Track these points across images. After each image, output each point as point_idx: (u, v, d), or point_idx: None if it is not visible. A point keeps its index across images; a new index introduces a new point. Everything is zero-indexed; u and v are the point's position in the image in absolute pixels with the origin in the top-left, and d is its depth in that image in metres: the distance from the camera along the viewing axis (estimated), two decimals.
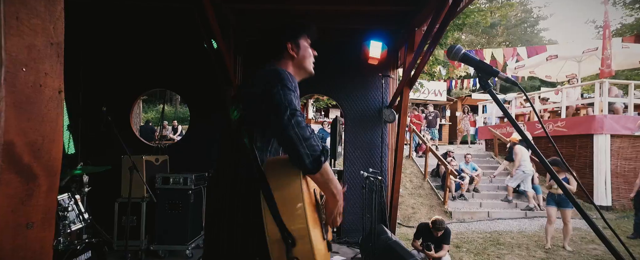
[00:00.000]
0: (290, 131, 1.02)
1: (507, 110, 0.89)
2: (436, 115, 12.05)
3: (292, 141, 1.02)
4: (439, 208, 7.06)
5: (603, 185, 7.68)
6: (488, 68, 0.89)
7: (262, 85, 1.12)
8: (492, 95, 0.89)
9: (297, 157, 1.02)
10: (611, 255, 3.13)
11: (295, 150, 1.02)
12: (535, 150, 0.85)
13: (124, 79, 4.47)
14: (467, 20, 10.27)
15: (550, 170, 0.84)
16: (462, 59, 0.92)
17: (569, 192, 0.84)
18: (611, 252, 0.83)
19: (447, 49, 0.94)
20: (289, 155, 1.06)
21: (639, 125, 8.08)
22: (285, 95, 1.08)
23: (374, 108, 4.79)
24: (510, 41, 27.60)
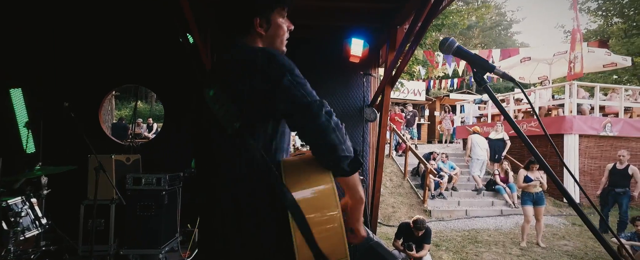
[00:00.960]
0: (331, 134, 0.86)
1: (502, 106, 0.83)
2: (415, 115, 12.22)
3: (333, 147, 0.86)
4: (418, 207, 7.12)
5: (572, 182, 8.00)
6: (484, 63, 0.83)
7: (264, 75, 0.93)
8: (488, 91, 0.83)
9: (337, 162, 0.88)
10: (580, 251, 3.20)
11: (336, 155, 0.87)
12: (529, 146, 0.80)
13: (93, 73, 4.20)
14: (445, 20, 10.43)
15: (547, 168, 0.78)
16: (456, 52, 0.85)
17: (571, 197, 0.79)
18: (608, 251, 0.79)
19: (440, 42, 0.87)
20: (322, 160, 0.90)
21: (603, 125, 8.48)
22: (306, 88, 0.92)
23: (355, 107, 4.74)
24: (486, 43, 28.45)
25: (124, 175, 3.59)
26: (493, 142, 8.42)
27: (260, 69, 0.93)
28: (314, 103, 0.88)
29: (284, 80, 0.90)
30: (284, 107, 0.90)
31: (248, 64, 0.96)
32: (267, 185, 0.92)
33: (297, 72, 0.94)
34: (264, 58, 0.95)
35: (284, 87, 0.90)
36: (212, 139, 1.03)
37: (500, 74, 0.83)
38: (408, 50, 3.71)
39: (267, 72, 0.92)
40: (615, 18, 18.54)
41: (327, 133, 0.86)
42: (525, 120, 9.51)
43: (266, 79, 0.92)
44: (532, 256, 4.80)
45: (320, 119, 0.86)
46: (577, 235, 5.98)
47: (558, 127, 8.30)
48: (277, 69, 0.92)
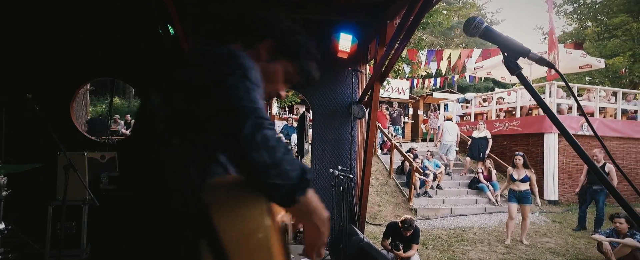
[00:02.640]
0: (253, 152, 0.67)
1: (539, 96, 0.73)
2: (400, 113, 12.26)
3: (253, 168, 0.68)
4: (404, 205, 7.11)
5: (551, 180, 8.20)
6: (516, 46, 0.72)
7: (209, 69, 0.76)
8: (522, 78, 0.72)
9: (261, 189, 0.70)
10: (562, 248, 3.17)
11: (256, 180, 0.69)
12: (572, 141, 0.69)
13: (63, 65, 3.90)
14: (430, 19, 10.49)
15: (592, 164, 0.68)
16: (483, 34, 0.74)
17: (612, 186, 0.69)
18: None
19: (465, 22, 0.75)
20: (249, 184, 0.72)
21: (580, 125, 8.73)
22: (247, 91, 0.72)
23: (343, 103, 4.63)
24: (467, 43, 28.97)
25: (99, 174, 3.35)
26: (476, 140, 8.53)
27: (213, 60, 0.77)
28: (242, 108, 0.70)
29: (230, 78, 0.73)
30: (209, 109, 0.72)
31: (207, 54, 0.78)
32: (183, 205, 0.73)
33: (253, 76, 0.76)
34: (226, 52, 0.78)
35: (224, 85, 0.72)
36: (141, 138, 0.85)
37: (536, 59, 0.72)
38: (399, 46, 3.62)
39: (219, 65, 0.76)
40: (589, 22, 19.25)
41: (248, 148, 0.67)
42: (507, 119, 9.69)
43: (214, 72, 0.75)
44: (517, 254, 4.84)
45: (243, 129, 0.68)
46: (558, 232, 6.10)
47: (539, 126, 8.48)
48: (231, 66, 0.75)
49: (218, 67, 0.76)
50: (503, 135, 9.39)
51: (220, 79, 0.73)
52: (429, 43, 25.43)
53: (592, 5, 18.61)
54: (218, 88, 0.72)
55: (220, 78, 0.73)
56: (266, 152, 0.68)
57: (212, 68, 0.76)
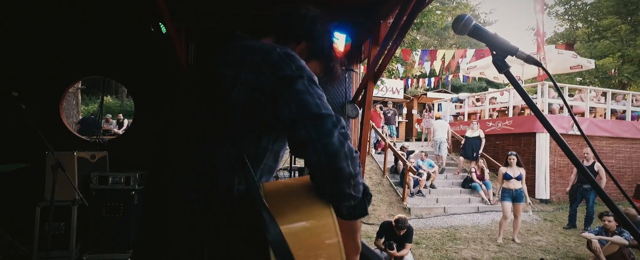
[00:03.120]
0: (342, 162, 0.67)
1: (527, 95, 0.73)
2: (395, 113, 12.31)
3: (340, 176, 0.68)
4: (398, 204, 7.13)
5: (543, 179, 8.30)
6: (504, 45, 0.72)
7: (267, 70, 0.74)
8: (510, 76, 0.72)
9: (338, 197, 0.70)
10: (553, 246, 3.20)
11: (339, 189, 0.69)
12: (559, 139, 0.69)
13: (53, 63, 3.84)
14: (424, 19, 10.54)
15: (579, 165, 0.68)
16: (472, 32, 0.74)
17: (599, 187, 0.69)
18: None
19: (454, 20, 0.75)
20: (324, 190, 0.71)
21: (571, 125, 8.84)
22: (321, 98, 0.73)
23: (336, 103, 4.62)
24: (461, 44, 29.19)
25: (89, 173, 3.31)
26: (470, 140, 8.59)
27: (272, 63, 0.74)
28: (328, 116, 0.70)
29: (298, 82, 0.73)
30: (289, 113, 0.71)
31: (260, 52, 0.77)
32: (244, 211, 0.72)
33: (316, 81, 0.76)
34: (282, 53, 0.76)
35: (296, 90, 0.72)
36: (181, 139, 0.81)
37: (524, 57, 0.72)
38: (392, 46, 3.63)
39: (281, 67, 0.74)
40: (580, 23, 19.51)
41: (337, 157, 0.67)
42: (500, 119, 9.77)
43: (277, 75, 0.73)
44: (509, 252, 4.89)
45: (332, 137, 0.68)
46: (549, 231, 6.17)
47: (531, 126, 8.57)
48: (295, 69, 0.74)
49: (282, 67, 0.74)
50: (496, 135, 9.48)
51: (288, 82, 0.72)
52: (423, 43, 25.56)
53: (583, 6, 18.88)
54: (289, 93, 0.71)
55: (288, 81, 0.72)
56: (351, 163, 0.69)
57: (275, 70, 0.74)
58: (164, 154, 0.85)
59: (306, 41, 0.93)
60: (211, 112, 0.76)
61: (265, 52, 0.77)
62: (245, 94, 0.74)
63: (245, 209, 0.72)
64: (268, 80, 0.73)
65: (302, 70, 0.75)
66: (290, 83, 0.73)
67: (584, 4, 18.86)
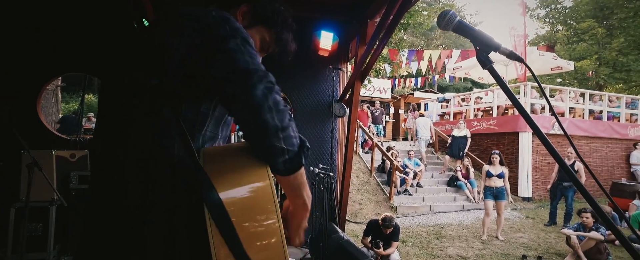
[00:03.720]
0: (265, 114, 0.68)
1: (511, 92, 0.73)
2: (382, 113, 12.40)
3: (265, 130, 0.68)
4: (385, 203, 7.19)
5: (525, 178, 8.50)
6: (488, 41, 0.72)
7: (206, 32, 0.73)
8: (493, 72, 0.73)
9: (269, 153, 0.70)
10: (534, 242, 3.28)
11: (267, 143, 0.69)
12: (543, 137, 0.70)
13: (30, 59, 3.70)
14: (411, 20, 10.65)
15: (563, 164, 0.69)
16: (456, 28, 0.74)
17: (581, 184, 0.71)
18: None
19: (439, 16, 0.75)
20: (255, 148, 0.71)
21: (552, 124, 9.09)
22: (252, 56, 0.73)
23: (323, 102, 4.62)
24: (447, 44, 29.65)
25: (68, 173, 3.20)
26: (457, 139, 8.71)
27: (206, 24, 0.74)
28: (254, 71, 0.70)
29: (230, 42, 0.72)
30: (218, 72, 0.71)
31: (195, 16, 0.76)
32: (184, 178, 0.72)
33: (251, 42, 0.76)
34: (217, 15, 0.76)
35: (228, 49, 0.71)
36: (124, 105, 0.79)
37: (507, 53, 0.73)
38: (379, 45, 3.65)
39: (214, 28, 0.74)
40: (560, 26, 20.08)
41: (259, 109, 0.67)
42: (485, 118, 9.96)
43: (210, 36, 0.73)
44: (493, 249, 4.99)
45: (255, 89, 0.68)
46: (531, 228, 6.33)
47: (514, 125, 8.77)
48: (228, 30, 0.74)
49: (214, 29, 0.73)
50: (480, 134, 9.66)
51: (221, 42, 0.72)
52: (409, 43, 25.87)
53: (562, 10, 19.43)
54: (222, 52, 0.71)
55: (220, 41, 0.72)
56: (277, 115, 0.69)
57: (209, 31, 0.73)
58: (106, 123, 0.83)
59: (246, 3, 0.92)
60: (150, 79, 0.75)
61: (200, 15, 0.76)
62: (180, 59, 0.74)
63: (185, 175, 0.73)
64: (201, 41, 0.73)
65: (236, 31, 0.74)
66: (222, 42, 0.72)
67: (564, 7, 19.42)
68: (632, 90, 16.48)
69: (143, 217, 0.72)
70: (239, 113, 0.71)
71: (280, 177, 0.74)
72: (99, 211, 0.78)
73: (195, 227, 0.71)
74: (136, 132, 0.76)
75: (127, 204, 0.73)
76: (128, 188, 0.74)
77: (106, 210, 0.76)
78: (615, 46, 15.83)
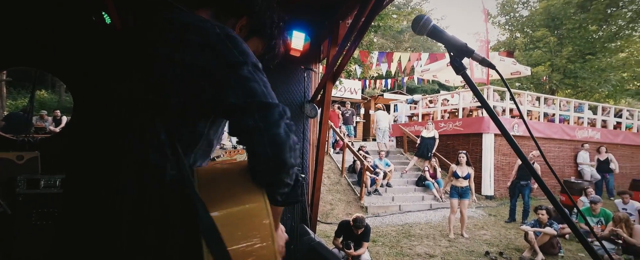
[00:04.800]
0: (287, 154, 0.68)
1: (482, 96, 0.74)
2: (353, 113, 12.53)
3: (282, 168, 0.69)
4: (355, 203, 7.25)
5: (488, 177, 8.92)
6: (462, 46, 0.72)
7: (207, 53, 0.70)
8: (466, 77, 0.73)
9: (275, 185, 0.71)
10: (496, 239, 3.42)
11: (278, 177, 0.70)
12: (509, 137, 0.71)
13: None
14: (381, 22, 10.85)
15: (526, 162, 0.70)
16: (431, 32, 0.73)
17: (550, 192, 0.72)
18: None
19: (413, 20, 0.74)
20: (262, 177, 0.70)
21: (512, 126, 9.61)
22: (266, 86, 0.72)
23: (295, 102, 4.57)
24: (415, 47, 30.56)
25: (15, 176, 2.93)
26: (425, 140, 8.97)
27: (211, 44, 0.70)
28: (276, 106, 0.70)
29: (243, 68, 0.70)
30: (235, 100, 0.69)
31: (198, 31, 0.71)
32: (176, 197, 0.69)
33: (261, 67, 0.75)
34: (223, 34, 0.72)
35: (242, 77, 0.70)
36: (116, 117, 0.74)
37: (479, 59, 0.73)
38: (350, 46, 3.66)
39: (223, 51, 0.70)
40: (518, 33, 21.34)
41: (283, 148, 0.68)
42: (451, 120, 10.34)
43: (218, 58, 0.69)
44: (458, 247, 5.18)
45: (279, 127, 0.68)
46: (493, 225, 6.64)
47: (478, 127, 9.17)
48: (238, 53, 0.71)
49: (223, 51, 0.70)
50: (447, 135, 10.01)
51: (233, 68, 0.70)
52: (379, 45, 26.40)
53: (520, 18, 20.70)
54: (235, 79, 0.69)
55: (232, 66, 0.70)
56: (294, 154, 0.70)
57: (217, 54, 0.70)
58: (91, 137, 0.78)
59: (247, 16, 0.90)
60: (143, 93, 0.71)
61: (204, 31, 0.72)
62: (181, 76, 0.70)
63: (178, 195, 0.70)
64: (209, 64, 0.70)
65: (247, 57, 0.73)
66: (235, 69, 0.70)
67: (521, 16, 20.68)
68: (578, 95, 17.83)
69: (135, 235, 0.68)
70: (258, 147, 0.68)
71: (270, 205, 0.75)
72: (81, 222, 0.72)
73: (189, 251, 0.69)
74: (129, 147, 0.71)
75: (118, 220, 0.69)
76: (119, 204, 0.69)
77: (90, 223, 0.71)
78: (565, 54, 17.10)
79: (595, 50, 17.14)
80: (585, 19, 16.88)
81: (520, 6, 20.63)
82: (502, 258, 4.83)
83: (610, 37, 17.31)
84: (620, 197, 6.66)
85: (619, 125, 11.68)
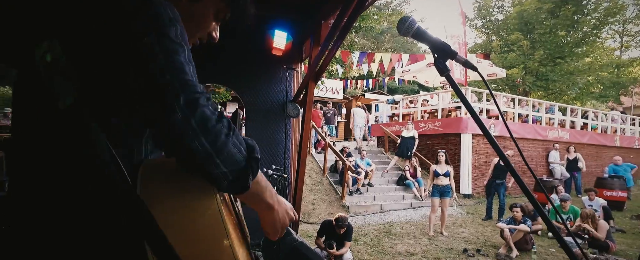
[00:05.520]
0: (191, 141, 0.54)
1: (465, 97, 0.74)
2: (334, 113, 12.56)
3: (194, 160, 0.56)
4: (337, 203, 7.28)
5: (466, 176, 9.16)
6: (446, 48, 0.72)
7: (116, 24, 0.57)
8: (450, 79, 0.73)
9: (209, 180, 0.59)
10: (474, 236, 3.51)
11: (204, 171, 0.57)
12: (490, 137, 0.72)
13: None
14: (363, 23, 10.94)
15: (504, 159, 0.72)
16: (415, 34, 0.73)
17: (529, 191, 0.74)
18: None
19: (399, 21, 0.74)
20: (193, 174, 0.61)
21: (489, 126, 9.92)
22: (169, 56, 0.56)
23: (277, 102, 4.53)
24: (395, 48, 31.02)
25: None
26: (405, 139, 9.11)
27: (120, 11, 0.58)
28: (168, 86, 0.55)
29: (145, 40, 0.56)
30: (132, 84, 0.56)
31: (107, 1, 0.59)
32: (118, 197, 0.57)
33: (174, 32, 0.59)
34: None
35: (141, 50, 0.55)
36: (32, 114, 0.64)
37: (462, 62, 0.74)
38: (333, 46, 3.66)
39: (128, 19, 0.57)
40: (494, 36, 22.08)
41: (183, 137, 0.54)
42: (431, 120, 10.55)
43: (121, 28, 0.56)
44: (438, 244, 5.29)
45: (174, 113, 0.54)
46: (471, 223, 6.83)
47: (456, 127, 9.40)
48: (144, 19, 0.57)
49: (127, 21, 0.57)
50: (427, 135, 10.21)
51: (133, 43, 0.56)
52: (361, 46, 26.60)
53: (496, 22, 21.44)
54: (133, 53, 0.55)
55: (132, 41, 0.56)
56: (206, 138, 0.55)
57: (122, 20, 0.57)
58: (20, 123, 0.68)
59: None
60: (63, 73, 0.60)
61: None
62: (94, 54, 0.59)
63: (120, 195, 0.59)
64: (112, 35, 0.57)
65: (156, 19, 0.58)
66: (136, 38, 0.56)
67: (497, 19, 21.44)
68: (549, 97, 18.61)
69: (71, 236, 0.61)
70: (160, 142, 0.58)
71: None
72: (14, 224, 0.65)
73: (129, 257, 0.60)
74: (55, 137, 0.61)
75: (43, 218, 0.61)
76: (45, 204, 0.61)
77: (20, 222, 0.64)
78: (537, 57, 17.86)
79: (564, 55, 17.99)
80: (555, 24, 17.71)
81: (496, 10, 21.34)
82: (480, 255, 4.97)
83: (577, 42, 18.25)
84: (587, 195, 7.01)
85: (585, 126, 12.29)
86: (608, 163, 10.86)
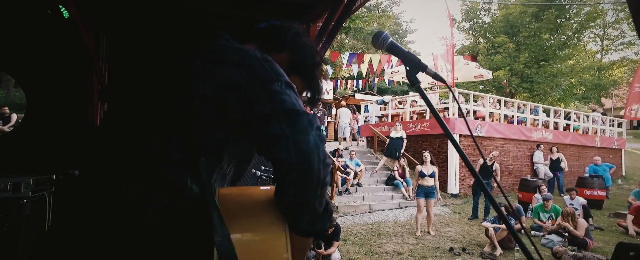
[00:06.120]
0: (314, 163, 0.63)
1: (431, 104, 0.80)
2: (324, 114, 12.63)
3: (310, 179, 0.63)
4: None
5: (453, 176, 9.33)
6: (417, 61, 0.78)
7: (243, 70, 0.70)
8: (420, 91, 0.79)
9: (300, 206, 0.66)
10: (460, 235, 3.63)
11: (304, 195, 0.65)
12: (456, 145, 0.78)
13: None
14: (352, 24, 11.03)
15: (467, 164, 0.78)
16: (389, 48, 0.79)
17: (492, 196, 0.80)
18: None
19: (373, 36, 0.80)
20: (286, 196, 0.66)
21: (475, 127, 10.13)
22: (297, 100, 0.69)
23: None
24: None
25: None
26: (394, 140, 9.23)
27: (249, 63, 0.72)
28: (304, 114, 0.66)
29: (275, 84, 0.69)
30: (263, 109, 0.66)
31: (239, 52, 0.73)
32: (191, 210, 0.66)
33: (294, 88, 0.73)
34: (261, 57, 0.73)
35: (272, 90, 0.68)
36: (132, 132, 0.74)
37: (432, 74, 0.80)
38: (321, 49, 3.71)
39: (258, 70, 0.71)
40: (481, 38, 22.48)
41: (310, 156, 0.63)
42: (419, 120, 10.70)
43: (253, 76, 0.69)
44: (425, 244, 5.40)
45: (308, 135, 0.63)
46: (457, 222, 6.97)
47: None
48: (273, 72, 0.71)
49: (257, 69, 0.70)
50: (415, 136, 10.35)
51: (264, 83, 0.68)
52: (351, 46, 26.73)
53: (482, 24, 21.86)
54: (267, 92, 0.67)
55: (264, 82, 0.69)
56: (324, 169, 0.64)
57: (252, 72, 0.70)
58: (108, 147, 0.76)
59: (289, 52, 0.90)
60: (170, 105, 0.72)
61: (244, 52, 0.74)
62: (213, 90, 0.70)
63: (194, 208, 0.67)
64: (243, 80, 0.70)
65: (280, 75, 0.72)
66: (267, 84, 0.69)
67: (483, 22, 21.84)
68: (534, 98, 19.05)
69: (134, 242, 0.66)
70: (283, 154, 0.63)
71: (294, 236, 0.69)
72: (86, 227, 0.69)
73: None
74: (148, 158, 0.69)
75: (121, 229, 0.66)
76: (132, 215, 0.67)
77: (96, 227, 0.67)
78: (522, 60, 18.30)
79: (548, 57, 18.47)
80: (539, 27, 18.18)
81: (483, 13, 21.75)
82: (465, 253, 5.09)
83: (560, 45, 18.77)
84: (568, 194, 7.23)
85: (568, 127, 12.64)
86: (589, 163, 11.21)
